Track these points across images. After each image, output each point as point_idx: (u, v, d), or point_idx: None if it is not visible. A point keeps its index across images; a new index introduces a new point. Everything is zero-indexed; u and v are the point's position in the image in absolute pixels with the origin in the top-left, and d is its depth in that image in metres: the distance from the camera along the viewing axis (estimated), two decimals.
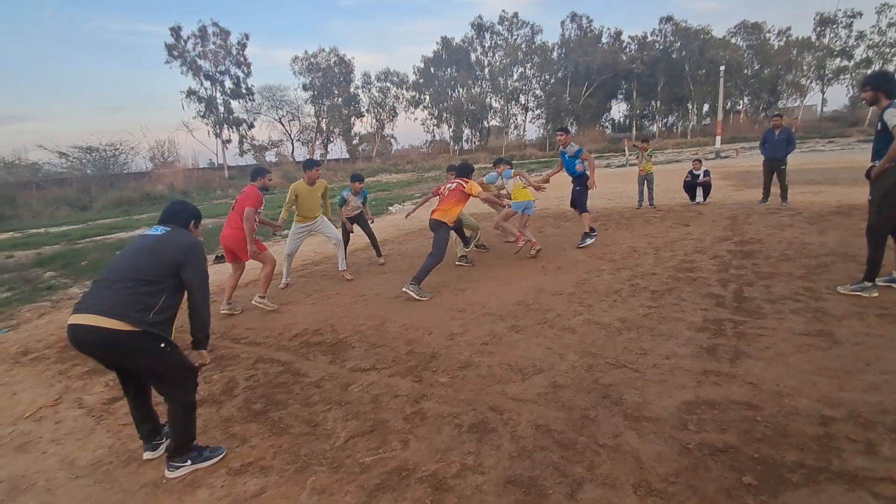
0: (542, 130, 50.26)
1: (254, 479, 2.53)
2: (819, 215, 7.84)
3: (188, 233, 2.85)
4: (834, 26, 43.77)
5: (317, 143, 47.90)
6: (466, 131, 50.18)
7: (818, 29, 44.59)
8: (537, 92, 49.89)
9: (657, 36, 49.00)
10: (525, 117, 51.31)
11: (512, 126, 50.55)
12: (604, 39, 49.68)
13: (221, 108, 39.50)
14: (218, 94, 39.40)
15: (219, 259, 8.52)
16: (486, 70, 49.51)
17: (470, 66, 48.95)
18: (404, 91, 49.96)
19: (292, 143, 46.93)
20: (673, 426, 2.61)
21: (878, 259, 4.20)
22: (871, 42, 42.18)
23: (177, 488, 2.53)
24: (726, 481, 2.19)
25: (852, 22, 42.75)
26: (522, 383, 3.23)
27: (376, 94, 49.09)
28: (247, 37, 39.80)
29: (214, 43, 38.44)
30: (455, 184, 5.78)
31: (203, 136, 45.97)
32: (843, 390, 2.84)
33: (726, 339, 3.59)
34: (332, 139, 49.05)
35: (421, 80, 49.69)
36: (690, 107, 48.35)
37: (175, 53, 37.35)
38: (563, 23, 50.33)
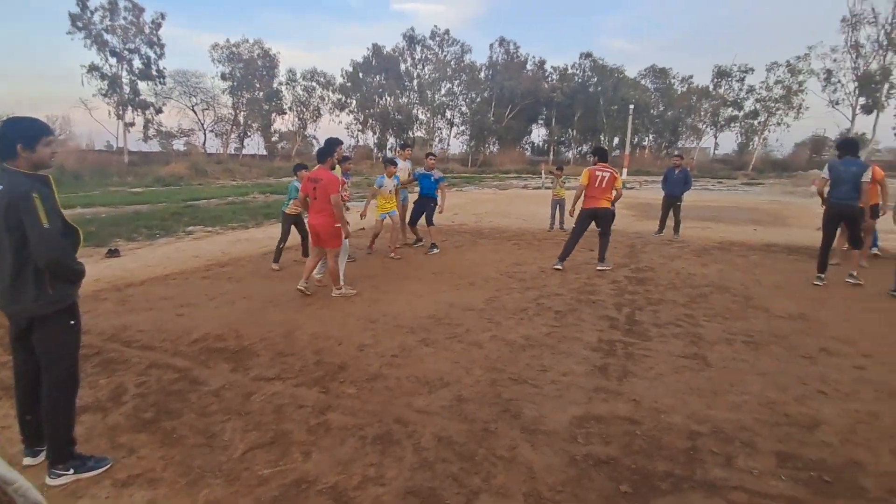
0: (465, 146, 51.41)
1: (141, 492, 2.40)
2: (704, 249, 8.72)
3: (17, 175, 2.31)
4: (729, 79, 48.78)
5: (232, 135, 45.69)
6: (391, 140, 50.15)
7: (715, 80, 49.47)
8: (463, 108, 51.10)
9: (577, 69, 52.08)
10: (450, 132, 52.27)
11: (437, 139, 51.28)
12: (528, 66, 51.96)
13: (127, 89, 36.56)
14: (124, 73, 36.47)
15: (111, 253, 7.87)
16: (415, 82, 49.97)
17: (399, 76, 49.15)
18: (330, 93, 49.10)
19: (204, 134, 44.42)
20: (564, 439, 2.82)
21: None
22: (759, 96, 47.44)
23: (58, 498, 2.35)
24: (606, 490, 2.41)
25: (745, 76, 47.87)
26: (429, 396, 3.32)
27: (301, 93, 47.81)
28: (162, 16, 37.21)
29: (125, 18, 35.61)
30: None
31: (103, 116, 42.15)
32: (710, 408, 3.20)
33: (616, 359, 3.91)
34: (249, 133, 47.02)
35: (349, 84, 49.12)
36: (603, 138, 51.63)
37: (79, 24, 34.13)
38: (491, 45, 52.05)
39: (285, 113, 47.51)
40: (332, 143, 5.86)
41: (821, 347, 4.24)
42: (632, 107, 31.21)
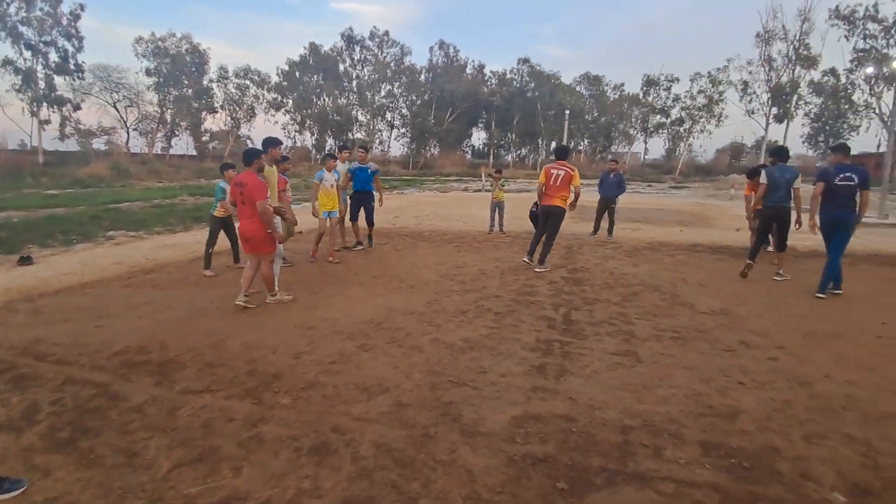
0: (406, 149, 51.34)
1: None
2: (635, 249, 9.11)
3: None
4: (657, 87, 51.53)
5: (158, 134, 43.37)
6: (330, 141, 49.30)
7: (644, 88, 52.16)
8: (403, 111, 51.06)
9: (515, 75, 53.38)
10: (390, 134, 52.09)
11: (377, 141, 50.89)
12: (468, 70, 52.72)
13: (42, 84, 33.90)
14: (39, 68, 33.81)
15: (23, 260, 7.25)
16: (354, 83, 49.42)
17: (337, 77, 48.48)
18: (265, 92, 47.68)
19: (128, 132, 41.92)
20: (503, 440, 2.84)
21: None
22: (684, 104, 50.39)
23: None
24: (543, 488, 2.44)
25: (671, 85, 50.80)
26: (367, 403, 3.25)
27: (233, 91, 46.13)
28: (81, 7, 34.83)
29: (41, 10, 33.05)
30: None
31: (16, 113, 38.89)
32: (641, 403, 3.32)
33: (554, 359, 4.00)
34: (177, 133, 44.81)
35: (285, 83, 47.92)
36: (541, 142, 53.13)
37: None
38: (431, 48, 52.44)
39: (217, 111, 45.80)
40: (268, 144, 5.62)
41: (740, 341, 4.51)
42: (567, 112, 32.31)
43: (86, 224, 10.88)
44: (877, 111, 36.40)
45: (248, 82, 46.65)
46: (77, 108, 37.05)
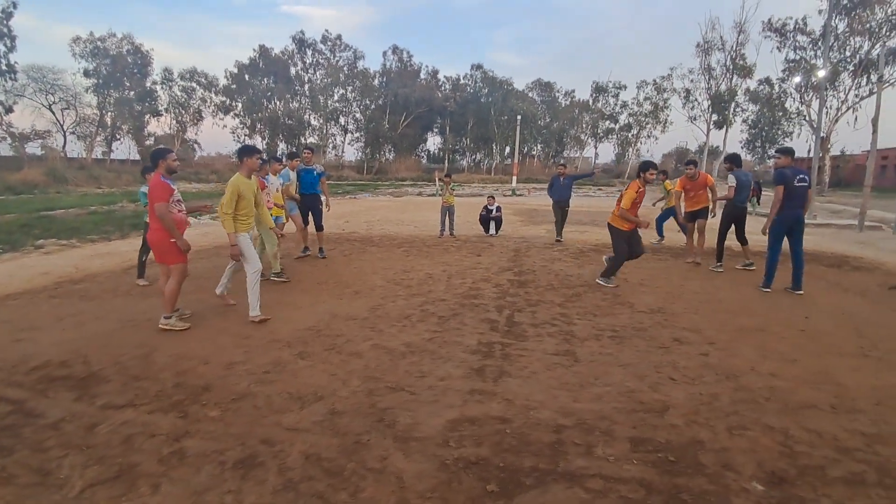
0: (360, 154, 50.91)
1: None
2: (581, 251, 9.32)
3: None
4: (605, 94, 53.16)
5: (98, 138, 41.36)
6: (282, 145, 48.31)
7: (594, 95, 53.71)
8: (357, 115, 50.62)
9: (469, 80, 53.87)
10: (344, 138, 51.52)
11: (330, 145, 50.25)
12: (422, 75, 52.81)
13: None
14: None
15: None
16: (307, 86, 48.67)
17: (289, 80, 47.61)
18: (213, 95, 46.27)
19: (64, 136, 39.76)
20: (437, 444, 2.81)
21: None
22: (631, 111, 52.19)
23: None
24: (474, 491, 2.43)
25: (619, 92, 52.56)
26: (300, 412, 3.17)
27: (179, 94, 44.55)
28: (14, 5, 32.88)
29: None
30: None
31: None
32: (576, 401, 3.37)
33: (494, 361, 4.01)
34: (118, 137, 42.86)
35: (234, 86, 46.67)
36: (495, 147, 53.77)
37: None
38: (385, 53, 52.33)
39: (161, 115, 44.06)
40: (243, 153, 5.18)
41: (674, 338, 4.67)
42: (519, 117, 32.83)
43: (14, 233, 10.21)
44: (807, 118, 38.68)
45: (194, 85, 45.21)
46: (9, 110, 34.93)
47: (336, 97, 48.85)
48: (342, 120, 50.39)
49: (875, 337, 4.74)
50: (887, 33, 33.65)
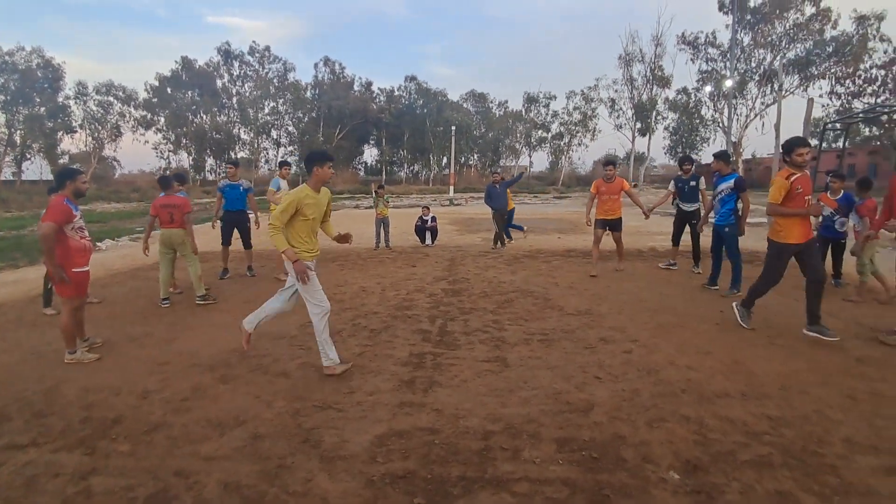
0: (294, 167, 49.72)
1: None
2: (514, 258, 9.50)
3: None
4: (537, 104, 54.89)
5: (6, 158, 38.24)
6: (210, 161, 46.46)
7: (526, 105, 55.31)
8: (290, 128, 49.57)
9: (403, 92, 54.06)
10: (277, 152, 50.23)
11: (263, 160, 48.86)
12: (356, 87, 52.48)
13: None
14: None
15: None
16: (235, 99, 47.16)
17: (215, 93, 45.96)
18: (133, 109, 43.91)
19: None
20: (363, 461, 2.75)
21: None
22: (562, 120, 54.12)
23: None
24: None
25: (550, 102, 54.42)
26: (220, 439, 3.01)
27: (95, 109, 41.96)
28: None
29: None
30: None
31: None
32: (505, 406, 3.41)
33: (424, 371, 3.99)
34: (28, 156, 39.80)
35: (155, 100, 44.48)
36: (432, 158, 54.13)
37: None
38: (316, 65, 51.66)
39: (76, 131, 41.30)
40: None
41: (600, 338, 4.82)
42: (454, 128, 33.27)
43: None
44: (721, 125, 41.58)
45: (111, 99, 42.71)
46: None
47: (267, 110, 47.68)
48: (274, 133, 49.20)
49: (782, 326, 5.10)
50: (786, 46, 36.87)
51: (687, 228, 7.84)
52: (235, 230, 7.88)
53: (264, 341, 4.75)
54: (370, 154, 57.84)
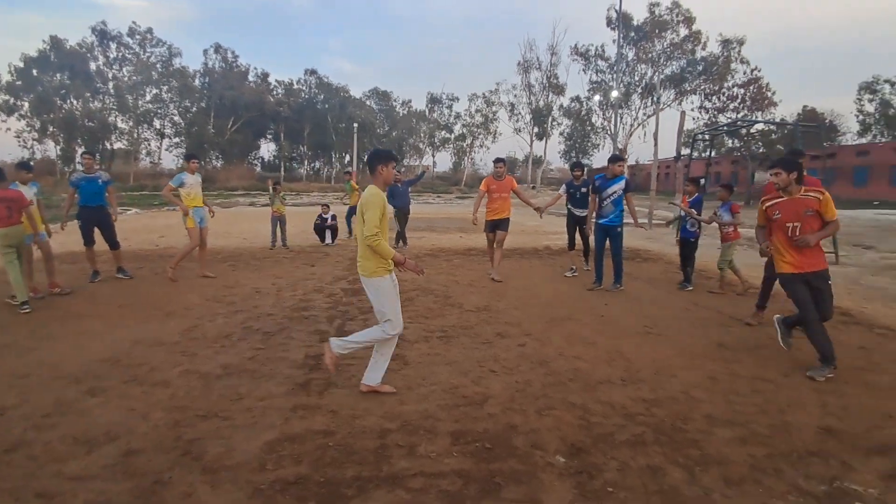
0: (180, 160, 46.28)
1: None
2: (417, 256, 9.55)
3: None
4: (440, 105, 55.58)
5: None
6: (80, 151, 41.76)
7: (430, 105, 55.80)
8: (176, 118, 45.95)
9: (303, 85, 52.20)
10: (161, 144, 46.35)
11: (144, 151, 44.89)
12: (251, 77, 49.82)
13: None
14: None
15: None
16: (111, 84, 42.82)
17: (88, 76, 41.38)
18: None
19: None
20: (251, 469, 2.62)
21: None
22: (465, 122, 55.26)
23: None
24: None
25: (453, 104, 55.31)
26: (87, 457, 2.71)
27: None
28: None
29: None
30: None
31: None
32: (403, 404, 3.41)
33: (321, 373, 3.88)
34: None
35: (19, 83, 39.22)
36: (334, 155, 52.87)
37: None
38: (206, 52, 48.21)
39: None
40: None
41: (497, 332, 4.99)
42: (356, 125, 32.60)
43: None
44: (609, 132, 44.79)
45: None
46: None
47: (148, 97, 43.75)
48: (157, 123, 45.32)
49: (657, 317, 5.60)
50: (664, 63, 40.55)
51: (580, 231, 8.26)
52: (97, 228, 7.02)
53: (140, 349, 4.36)
54: (267, 149, 55.30)
